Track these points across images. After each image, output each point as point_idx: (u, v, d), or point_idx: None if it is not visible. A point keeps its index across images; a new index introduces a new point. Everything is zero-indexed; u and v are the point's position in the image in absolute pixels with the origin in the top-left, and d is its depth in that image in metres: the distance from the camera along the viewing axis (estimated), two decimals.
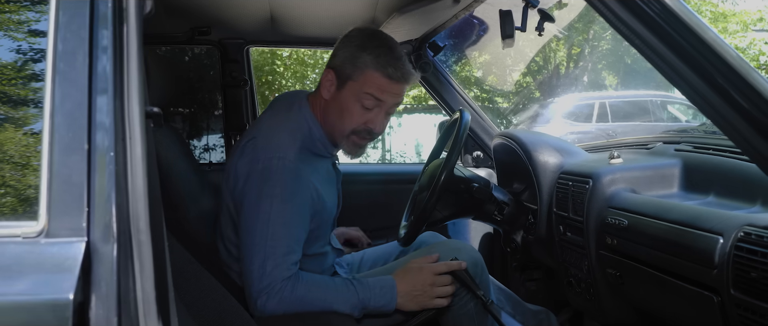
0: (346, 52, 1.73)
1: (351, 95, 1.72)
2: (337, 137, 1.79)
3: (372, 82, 1.71)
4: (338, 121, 1.75)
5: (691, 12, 0.96)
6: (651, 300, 1.54)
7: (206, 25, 2.39)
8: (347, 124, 1.75)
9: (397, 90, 1.75)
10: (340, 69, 1.73)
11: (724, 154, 1.54)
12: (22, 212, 0.90)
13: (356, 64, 1.71)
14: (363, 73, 1.71)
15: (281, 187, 1.64)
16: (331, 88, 1.76)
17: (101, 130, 0.88)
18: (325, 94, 1.77)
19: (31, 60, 0.97)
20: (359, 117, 1.74)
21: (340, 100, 1.74)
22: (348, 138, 1.78)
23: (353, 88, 1.72)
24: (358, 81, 1.71)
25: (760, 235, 1.12)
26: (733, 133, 0.98)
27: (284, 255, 1.63)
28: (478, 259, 1.86)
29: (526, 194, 2.20)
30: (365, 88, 1.71)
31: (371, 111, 1.74)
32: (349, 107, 1.73)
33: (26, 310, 0.83)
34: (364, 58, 1.70)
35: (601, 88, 13.74)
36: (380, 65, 1.70)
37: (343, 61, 1.73)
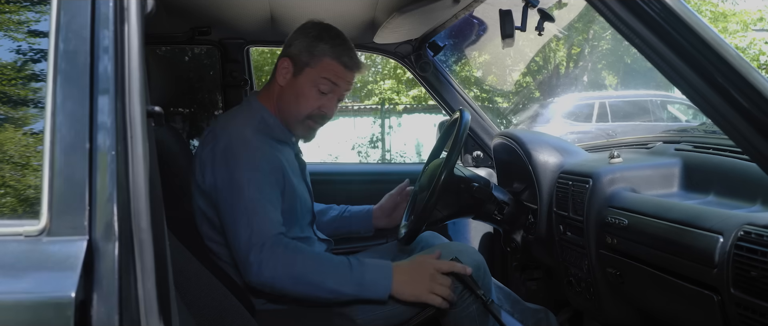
0: (304, 42, 1.84)
1: (308, 81, 1.84)
2: (291, 121, 1.88)
3: (329, 68, 1.83)
4: (294, 106, 1.85)
5: (691, 11, 0.96)
6: (651, 300, 1.54)
7: (206, 25, 2.39)
8: (303, 108, 1.85)
9: (350, 78, 1.89)
10: (297, 57, 1.84)
11: (724, 154, 1.54)
12: (24, 211, 0.90)
13: (314, 52, 1.83)
14: (321, 60, 1.83)
15: (246, 159, 1.72)
16: (288, 75, 1.86)
17: (102, 129, 0.88)
18: (280, 81, 1.87)
19: (31, 60, 0.97)
20: (315, 101, 1.85)
21: (297, 85, 1.85)
22: (303, 122, 1.87)
23: (311, 74, 1.83)
24: (315, 67, 1.83)
25: (760, 234, 1.12)
26: (733, 133, 0.98)
27: (268, 213, 1.68)
28: (480, 262, 1.87)
29: (526, 194, 2.20)
30: (322, 73, 1.83)
31: (326, 96, 1.86)
32: (305, 92, 1.84)
33: (28, 308, 0.83)
34: (321, 47, 1.83)
35: (601, 88, 13.74)
36: (336, 54, 1.84)
37: (300, 50, 1.84)
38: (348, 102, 14.23)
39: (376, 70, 13.76)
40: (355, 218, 2.24)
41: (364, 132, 13.38)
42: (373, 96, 13.49)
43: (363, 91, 13.61)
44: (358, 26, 2.38)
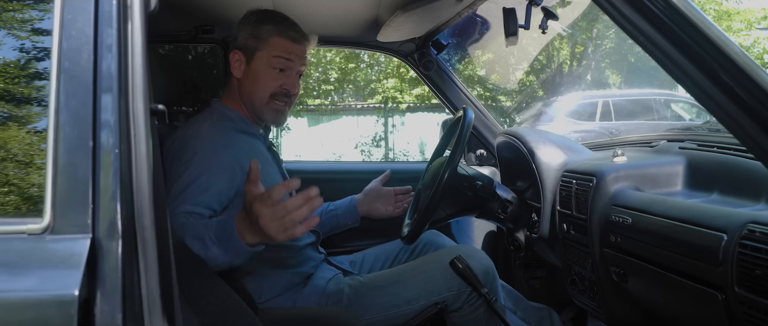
0: (246, 30, 1.87)
1: (262, 63, 1.86)
2: (258, 107, 1.88)
3: (278, 46, 1.86)
4: (256, 90, 1.87)
5: (695, 9, 0.96)
6: (655, 298, 1.54)
7: (210, 23, 2.39)
8: (264, 89, 1.86)
9: (301, 51, 1.90)
10: (245, 46, 1.87)
11: (728, 152, 1.53)
12: (27, 209, 0.91)
13: (260, 35, 1.85)
14: (268, 41, 1.86)
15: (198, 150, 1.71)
16: (241, 66, 1.88)
17: (106, 127, 0.88)
18: (236, 73, 1.88)
19: (35, 58, 0.97)
20: (274, 81, 1.87)
21: (253, 71, 1.87)
22: (268, 104, 1.88)
23: (263, 57, 1.86)
24: (265, 49, 1.86)
25: (765, 233, 1.11)
26: (737, 131, 0.98)
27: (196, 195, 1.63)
28: (489, 266, 1.87)
29: (529, 192, 2.19)
30: (273, 52, 1.85)
31: (284, 73, 1.87)
32: (262, 74, 1.86)
33: (32, 306, 0.83)
34: (265, 28, 1.86)
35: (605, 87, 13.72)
36: (282, 30, 1.86)
37: (246, 38, 1.87)
38: (351, 101, 14.25)
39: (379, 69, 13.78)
40: (340, 211, 2.25)
41: (367, 131, 13.39)
42: (377, 94, 13.51)
43: (366, 89, 13.63)
44: (362, 25, 2.38)
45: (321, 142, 12.71)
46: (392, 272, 1.91)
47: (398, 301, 1.79)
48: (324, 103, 13.76)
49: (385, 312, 1.80)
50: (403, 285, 1.82)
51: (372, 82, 13.78)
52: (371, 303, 1.80)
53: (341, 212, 2.24)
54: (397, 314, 1.80)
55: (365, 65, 13.96)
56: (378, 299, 1.81)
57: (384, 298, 1.80)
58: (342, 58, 13.25)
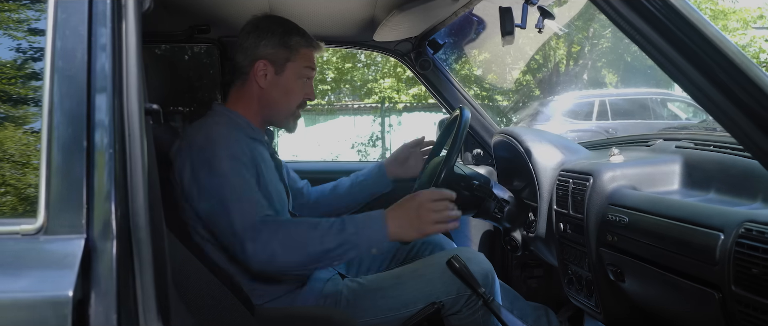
0: (273, 40, 1.88)
1: (292, 74, 1.90)
2: (282, 116, 1.94)
3: (307, 57, 1.91)
4: (284, 102, 1.91)
5: (692, 8, 0.96)
6: (652, 297, 1.54)
7: (205, 23, 2.38)
8: (294, 100, 1.92)
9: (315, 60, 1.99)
10: (274, 56, 1.87)
11: (724, 151, 1.53)
12: (21, 210, 0.90)
13: (290, 46, 1.88)
14: (298, 52, 1.89)
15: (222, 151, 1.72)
16: (269, 76, 1.88)
17: (100, 127, 0.88)
18: (261, 83, 1.88)
19: (30, 58, 0.97)
20: (301, 91, 1.93)
21: (283, 82, 1.89)
22: (294, 113, 1.95)
23: (294, 68, 1.89)
24: (296, 61, 1.89)
25: (761, 232, 1.11)
26: (734, 129, 0.98)
27: (253, 200, 1.68)
28: (489, 270, 1.86)
29: (526, 192, 2.19)
30: (304, 63, 1.91)
31: (307, 82, 1.94)
32: (293, 86, 1.90)
33: (26, 307, 0.83)
34: (295, 39, 1.89)
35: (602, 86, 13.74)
36: (309, 42, 1.92)
37: (274, 48, 1.87)
38: (348, 100, 14.24)
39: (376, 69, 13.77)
40: (369, 179, 2.24)
41: (364, 130, 13.39)
42: (373, 94, 13.50)
43: (363, 89, 13.63)
44: (358, 24, 2.38)
45: (318, 142, 12.71)
46: (391, 274, 1.90)
47: (396, 304, 1.78)
48: (321, 102, 13.76)
49: (383, 314, 1.79)
50: (402, 287, 1.81)
51: (369, 82, 13.77)
52: (369, 305, 1.80)
53: (371, 180, 2.23)
54: (396, 317, 1.79)
55: (362, 65, 13.96)
56: (376, 301, 1.80)
57: (382, 301, 1.80)
58: (339, 57, 13.25)
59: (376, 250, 1.68)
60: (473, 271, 1.78)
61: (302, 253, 1.61)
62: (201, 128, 1.81)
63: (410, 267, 1.90)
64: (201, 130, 1.79)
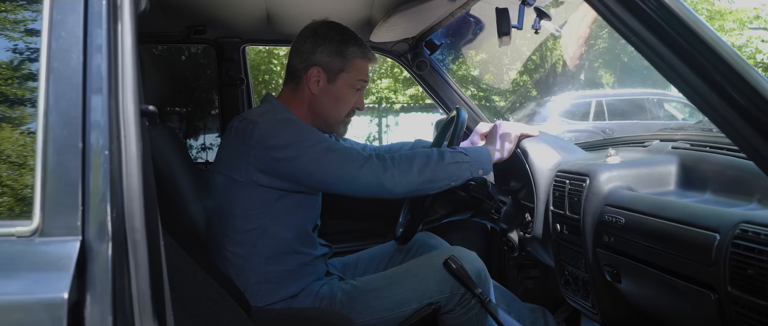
0: (330, 47, 1.88)
1: (345, 85, 1.91)
2: (331, 122, 1.95)
3: (361, 69, 1.94)
4: (334, 110, 1.94)
5: (688, 9, 0.96)
6: (648, 298, 1.54)
7: (202, 24, 2.38)
8: (344, 109, 1.95)
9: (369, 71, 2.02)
10: (328, 64, 1.88)
11: (721, 152, 1.54)
12: (16, 211, 0.90)
13: (346, 56, 1.89)
14: (353, 63, 1.90)
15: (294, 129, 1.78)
16: (321, 83, 1.90)
17: (96, 128, 0.87)
18: (313, 89, 1.90)
19: (25, 59, 0.96)
20: (352, 101, 1.96)
21: (335, 91, 1.91)
22: (343, 121, 1.99)
23: (347, 79, 1.92)
24: (350, 72, 1.91)
25: (757, 232, 1.12)
26: (730, 131, 0.98)
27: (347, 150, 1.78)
28: (481, 269, 1.87)
29: (523, 192, 2.19)
30: (357, 75, 1.93)
31: (358, 92, 1.97)
32: (344, 96, 1.93)
33: (21, 309, 0.82)
34: (351, 50, 1.89)
35: (598, 87, 13.75)
36: (364, 53, 1.94)
37: (329, 57, 1.88)
38: None
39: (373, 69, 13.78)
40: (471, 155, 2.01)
41: (361, 131, 13.39)
42: (370, 95, 13.50)
43: None
44: (355, 25, 2.37)
45: None
46: (385, 275, 1.90)
47: (391, 304, 1.79)
48: None
49: (378, 314, 1.79)
50: (396, 287, 1.82)
51: None
52: (364, 306, 1.80)
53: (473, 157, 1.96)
54: (391, 317, 1.79)
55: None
56: (371, 302, 1.80)
57: (377, 301, 1.80)
58: None
59: (483, 172, 1.91)
60: (467, 269, 1.78)
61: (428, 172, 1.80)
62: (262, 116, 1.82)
63: (404, 268, 1.90)
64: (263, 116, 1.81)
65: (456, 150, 1.89)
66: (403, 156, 1.82)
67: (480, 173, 1.90)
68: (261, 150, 1.75)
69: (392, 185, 1.76)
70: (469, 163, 1.87)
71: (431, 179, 1.81)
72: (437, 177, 1.82)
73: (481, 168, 1.90)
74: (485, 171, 1.91)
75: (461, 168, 1.86)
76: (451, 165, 1.84)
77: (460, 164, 1.85)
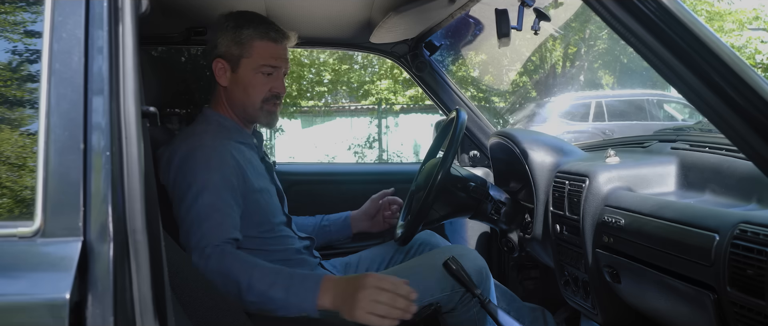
0: (227, 37, 1.85)
1: (248, 71, 1.85)
2: (250, 112, 1.89)
3: (262, 51, 1.85)
4: (246, 98, 1.87)
5: (686, 10, 0.96)
6: (647, 299, 1.54)
7: (202, 25, 2.38)
8: (255, 96, 1.87)
9: (284, 52, 1.90)
10: (228, 53, 1.85)
11: (720, 152, 1.54)
12: (18, 212, 0.90)
13: (241, 41, 1.84)
14: (251, 46, 1.84)
15: (203, 163, 1.71)
16: (227, 74, 1.87)
17: (97, 130, 0.88)
18: (222, 82, 1.88)
19: (27, 61, 0.97)
20: (263, 86, 1.87)
21: (240, 79, 1.86)
22: (262, 109, 1.89)
23: (248, 64, 1.85)
24: (250, 56, 1.84)
25: (756, 233, 1.12)
26: (729, 131, 0.98)
27: (220, 219, 1.66)
28: (482, 266, 1.87)
29: (522, 193, 2.20)
30: (260, 59, 1.84)
31: (271, 76, 1.88)
32: (251, 82, 1.86)
33: (23, 310, 0.83)
34: (246, 33, 1.84)
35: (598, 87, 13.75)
36: (263, 33, 1.85)
37: (227, 46, 1.85)
38: (344, 102, 14.24)
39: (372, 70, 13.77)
40: (333, 227, 2.26)
41: (360, 132, 13.39)
42: (370, 96, 13.50)
43: (360, 91, 13.62)
44: (354, 26, 2.38)
45: (314, 144, 12.70)
46: (385, 274, 1.90)
47: None
48: (317, 104, 13.75)
49: None
50: None
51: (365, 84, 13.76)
52: None
53: (335, 229, 2.25)
54: None
55: (359, 66, 13.95)
56: None
57: None
58: (335, 59, 13.24)
59: (307, 315, 1.53)
60: (467, 268, 1.78)
61: (231, 284, 1.55)
62: (188, 136, 1.81)
63: (404, 266, 1.90)
64: (188, 138, 1.79)
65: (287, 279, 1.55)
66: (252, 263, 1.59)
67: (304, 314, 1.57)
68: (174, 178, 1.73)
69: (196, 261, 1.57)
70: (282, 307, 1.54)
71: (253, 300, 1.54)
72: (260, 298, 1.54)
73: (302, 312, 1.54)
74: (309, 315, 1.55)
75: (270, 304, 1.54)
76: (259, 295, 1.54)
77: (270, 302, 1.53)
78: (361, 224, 2.25)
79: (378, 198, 2.28)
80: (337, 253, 2.27)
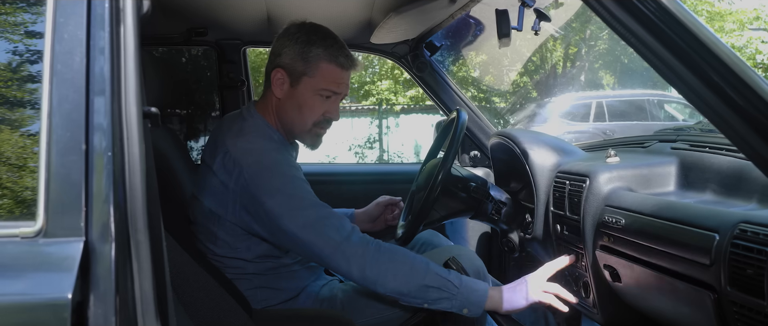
0: (294, 49, 1.76)
1: (308, 90, 1.77)
2: (297, 132, 1.83)
3: (327, 73, 1.77)
4: (298, 117, 1.80)
5: (686, 10, 0.96)
6: (648, 298, 1.54)
7: (203, 26, 2.39)
8: (308, 117, 1.80)
9: (347, 78, 1.83)
10: (291, 66, 1.77)
11: (720, 152, 1.54)
12: (20, 213, 0.90)
13: (309, 59, 1.75)
14: (317, 66, 1.76)
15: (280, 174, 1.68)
16: (285, 87, 1.79)
17: (99, 130, 0.88)
18: (278, 93, 1.80)
19: (28, 62, 0.97)
20: (319, 109, 1.79)
21: (297, 96, 1.78)
22: (311, 131, 1.83)
23: (309, 84, 1.77)
24: (313, 76, 1.76)
25: (756, 232, 1.12)
26: (729, 131, 0.98)
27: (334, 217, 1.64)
28: (480, 267, 1.87)
29: (523, 193, 2.20)
30: (322, 83, 1.77)
31: (329, 100, 1.80)
32: (307, 102, 1.78)
33: (25, 310, 0.83)
34: (315, 51, 1.76)
35: (598, 88, 13.76)
36: (332, 56, 1.76)
37: (292, 59, 1.76)
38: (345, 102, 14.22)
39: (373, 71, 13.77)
40: None
41: (361, 132, 13.39)
42: (371, 96, 13.51)
43: (360, 91, 13.63)
44: (355, 26, 2.38)
45: None
46: None
47: (390, 299, 1.78)
48: None
49: (379, 314, 1.79)
50: None
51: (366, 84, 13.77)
52: (365, 304, 1.80)
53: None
54: (392, 316, 1.79)
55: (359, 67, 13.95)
56: (370, 300, 1.81)
57: (376, 298, 1.80)
58: None
59: (468, 312, 1.64)
60: (465, 268, 1.78)
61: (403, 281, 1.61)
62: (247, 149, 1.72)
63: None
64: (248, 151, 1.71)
65: (450, 273, 1.66)
66: (388, 251, 1.63)
67: (464, 312, 1.64)
68: (247, 197, 1.68)
69: (359, 276, 1.61)
70: (454, 298, 1.62)
71: (403, 292, 1.62)
72: (410, 292, 1.61)
73: (466, 307, 1.63)
74: (471, 313, 1.65)
75: (441, 298, 1.62)
76: (431, 290, 1.61)
77: (441, 292, 1.62)
78: (363, 224, 2.25)
79: (384, 203, 2.26)
80: None
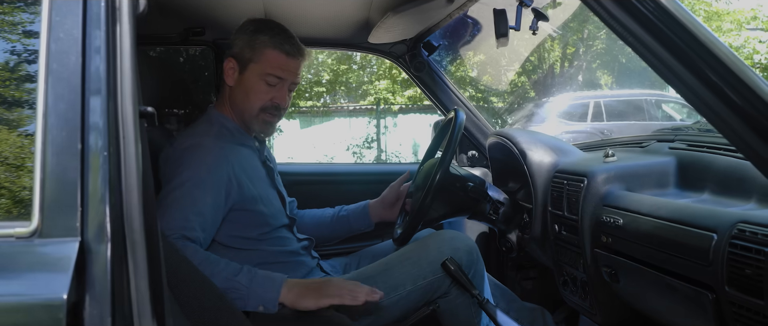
0: (243, 39, 1.86)
1: (254, 75, 1.86)
2: (247, 118, 1.89)
3: (272, 60, 1.85)
4: (246, 102, 1.88)
5: (684, 10, 0.96)
6: (646, 298, 1.54)
7: (200, 25, 2.38)
8: (255, 102, 1.87)
9: (295, 66, 1.89)
10: (240, 54, 1.86)
11: (718, 152, 1.54)
12: (15, 212, 0.90)
13: (254, 46, 1.85)
14: (262, 53, 1.85)
15: (197, 160, 1.73)
16: (234, 74, 1.88)
17: (94, 130, 0.88)
18: (229, 81, 1.89)
19: (24, 61, 0.97)
20: (265, 94, 1.87)
21: (245, 82, 1.87)
22: (258, 116, 1.88)
23: (255, 69, 1.85)
24: (259, 62, 1.85)
25: (754, 232, 1.12)
26: (727, 131, 0.98)
27: (185, 218, 1.65)
28: (472, 247, 1.88)
29: (521, 193, 2.20)
30: (267, 68, 1.85)
31: (275, 87, 1.87)
32: (253, 87, 1.86)
33: (20, 310, 0.83)
34: (261, 39, 1.85)
35: (596, 87, 13.77)
36: (277, 43, 1.85)
37: (241, 47, 1.86)
38: (343, 102, 14.24)
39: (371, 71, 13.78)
40: (352, 216, 2.23)
41: (359, 132, 13.39)
42: (369, 96, 13.51)
43: (358, 91, 13.64)
44: (353, 26, 2.38)
45: (313, 144, 12.71)
46: (380, 263, 1.91)
47: (385, 288, 1.77)
48: (316, 104, 13.76)
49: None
50: (390, 272, 1.82)
51: (364, 84, 13.78)
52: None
53: (354, 218, 2.23)
54: (387, 302, 1.78)
55: (357, 67, 13.96)
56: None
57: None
58: (334, 59, 13.25)
59: (263, 309, 1.59)
60: (457, 248, 1.79)
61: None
62: (190, 135, 1.83)
63: (397, 253, 1.91)
64: (189, 137, 1.82)
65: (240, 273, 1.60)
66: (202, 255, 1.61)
67: (260, 309, 1.59)
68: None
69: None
70: (247, 297, 1.59)
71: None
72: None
73: (261, 304, 1.59)
74: (266, 310, 1.59)
75: (236, 298, 1.58)
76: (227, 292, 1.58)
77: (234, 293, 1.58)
78: (381, 213, 2.22)
79: (397, 186, 2.24)
80: (336, 253, 2.27)
